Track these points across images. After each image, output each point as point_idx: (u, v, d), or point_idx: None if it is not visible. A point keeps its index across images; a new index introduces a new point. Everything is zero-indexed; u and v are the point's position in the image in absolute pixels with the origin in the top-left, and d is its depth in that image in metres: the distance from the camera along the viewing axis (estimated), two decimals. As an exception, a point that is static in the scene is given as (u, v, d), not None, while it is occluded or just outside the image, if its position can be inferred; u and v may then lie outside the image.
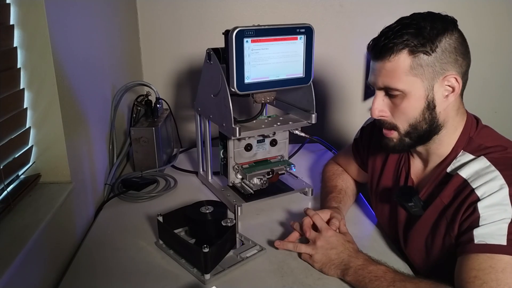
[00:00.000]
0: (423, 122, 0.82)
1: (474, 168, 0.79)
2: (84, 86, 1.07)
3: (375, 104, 0.84)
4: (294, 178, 1.22)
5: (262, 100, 1.07)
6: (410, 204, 0.86)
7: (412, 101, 0.80)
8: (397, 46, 0.78)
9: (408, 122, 0.83)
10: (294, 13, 1.64)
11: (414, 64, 0.78)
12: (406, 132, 0.84)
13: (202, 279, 0.83)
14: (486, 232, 0.72)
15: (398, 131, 0.85)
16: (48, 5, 0.84)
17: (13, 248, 0.74)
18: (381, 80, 0.81)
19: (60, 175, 0.95)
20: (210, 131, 1.18)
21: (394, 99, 0.82)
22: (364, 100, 1.79)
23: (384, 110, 0.84)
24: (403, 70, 0.78)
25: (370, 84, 0.86)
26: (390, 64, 0.79)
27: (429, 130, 0.83)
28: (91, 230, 1.03)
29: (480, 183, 0.76)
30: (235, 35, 0.93)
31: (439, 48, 0.77)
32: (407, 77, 0.79)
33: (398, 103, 0.82)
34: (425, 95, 0.80)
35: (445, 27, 0.79)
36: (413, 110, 0.81)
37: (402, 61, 0.78)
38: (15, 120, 0.85)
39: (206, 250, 0.80)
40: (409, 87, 0.79)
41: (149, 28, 1.63)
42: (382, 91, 0.84)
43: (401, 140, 0.86)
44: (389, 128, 0.86)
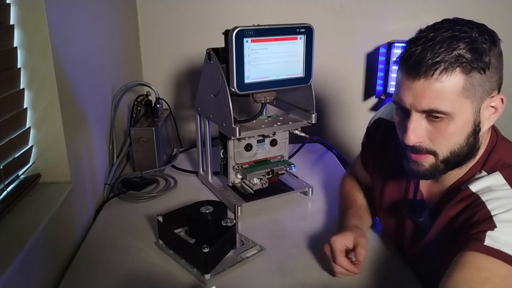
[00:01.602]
0: (465, 148, 0.72)
1: (486, 183, 0.72)
2: (84, 86, 1.07)
3: (412, 129, 0.71)
4: (294, 178, 1.22)
5: (262, 100, 1.07)
6: (420, 219, 0.80)
7: (460, 126, 0.70)
8: (450, 64, 0.66)
9: (450, 148, 0.72)
10: (294, 13, 1.64)
11: (467, 84, 0.67)
12: (445, 158, 0.73)
13: (202, 279, 0.83)
14: (503, 239, 0.64)
15: (436, 156, 0.73)
16: (48, 5, 0.84)
17: (13, 248, 0.74)
18: (426, 103, 0.69)
19: (60, 175, 0.95)
20: (210, 131, 1.18)
21: (436, 123, 0.70)
22: (364, 100, 1.79)
23: (421, 135, 0.72)
24: (455, 91, 0.67)
25: (400, 103, 0.73)
26: (441, 85, 0.67)
27: (467, 155, 0.74)
28: (91, 230, 1.03)
29: (491, 197, 0.69)
30: (235, 35, 0.93)
31: (491, 64, 0.67)
32: (458, 99, 0.67)
33: (442, 128, 0.70)
34: (473, 118, 0.70)
35: (492, 39, 0.69)
36: (459, 136, 0.71)
37: (455, 81, 0.67)
38: (15, 120, 0.85)
39: (206, 250, 0.80)
40: (459, 110, 0.68)
41: (149, 28, 1.63)
42: (421, 114, 0.71)
43: (436, 166, 0.74)
44: (424, 153, 0.74)
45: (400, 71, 0.72)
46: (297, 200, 1.16)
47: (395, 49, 1.58)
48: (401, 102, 0.72)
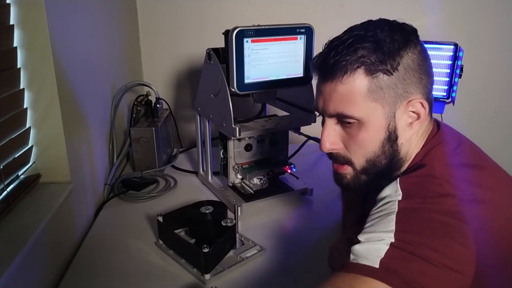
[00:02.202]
0: (382, 157, 0.68)
1: (386, 192, 0.66)
2: (84, 86, 1.07)
3: (325, 135, 0.69)
4: (294, 178, 1.22)
5: (262, 100, 1.07)
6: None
7: (371, 132, 0.66)
8: (351, 64, 0.63)
9: (365, 156, 0.68)
10: (294, 13, 1.64)
11: (373, 86, 0.63)
12: (363, 168, 0.70)
13: (202, 279, 0.83)
14: (360, 250, 0.59)
15: (353, 166, 0.70)
16: (48, 5, 0.84)
17: (13, 248, 0.74)
18: (333, 106, 0.66)
19: (60, 175, 0.95)
20: (210, 131, 1.18)
21: (348, 129, 0.68)
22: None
23: (336, 142, 0.69)
24: (359, 94, 0.64)
25: (317, 110, 0.71)
26: (343, 87, 0.64)
27: (389, 165, 0.69)
28: (91, 230, 1.03)
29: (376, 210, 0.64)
30: (235, 35, 0.93)
31: (401, 65, 0.63)
32: (365, 102, 0.64)
33: (354, 134, 0.67)
34: (386, 124, 0.66)
35: (406, 39, 0.65)
36: (372, 143, 0.67)
37: (358, 83, 0.63)
38: (15, 120, 0.85)
39: (206, 250, 0.80)
40: (368, 114, 0.65)
41: (149, 28, 1.63)
42: (333, 119, 0.68)
43: (356, 177, 0.71)
44: (342, 163, 0.71)
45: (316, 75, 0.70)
46: (297, 200, 1.16)
47: (395, 49, 1.58)
48: (316, 107, 0.71)
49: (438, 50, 1.53)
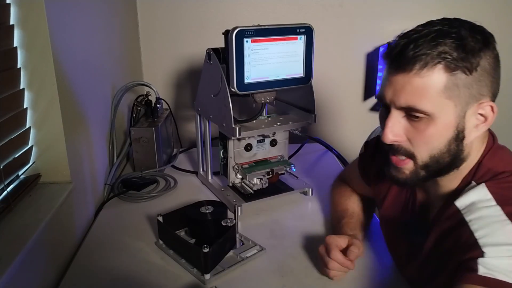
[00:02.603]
0: (447, 155, 0.67)
1: (471, 198, 0.66)
2: (84, 86, 1.07)
3: (390, 126, 0.68)
4: (294, 178, 1.22)
5: (262, 100, 1.07)
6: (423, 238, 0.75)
7: (440, 129, 0.65)
8: (432, 58, 0.62)
9: (430, 152, 0.67)
10: (294, 13, 1.64)
11: (450, 83, 0.62)
12: (425, 164, 0.69)
13: (202, 279, 0.83)
14: (495, 265, 0.58)
15: (415, 161, 0.69)
16: (48, 5, 0.84)
17: (13, 248, 0.74)
18: (405, 98, 0.65)
19: (60, 175, 0.95)
20: (210, 131, 1.18)
21: (416, 123, 0.66)
22: (364, 100, 1.79)
23: (399, 134, 0.68)
24: (435, 89, 0.63)
25: (382, 99, 0.69)
26: (420, 80, 0.63)
27: (450, 164, 0.69)
28: (91, 230, 1.03)
29: (474, 217, 0.64)
30: (235, 35, 0.93)
31: (479, 66, 0.63)
32: (439, 98, 0.63)
33: (421, 129, 0.66)
34: (456, 123, 0.65)
35: (486, 41, 0.64)
36: (439, 139, 0.66)
37: (436, 78, 0.62)
38: (15, 120, 0.85)
39: (206, 250, 0.80)
40: (439, 111, 0.64)
41: (149, 28, 1.63)
42: (400, 111, 0.67)
43: (416, 173, 0.70)
44: (403, 155, 0.70)
45: (385, 65, 0.69)
46: (297, 200, 1.16)
47: (395, 49, 1.58)
48: (382, 97, 0.69)
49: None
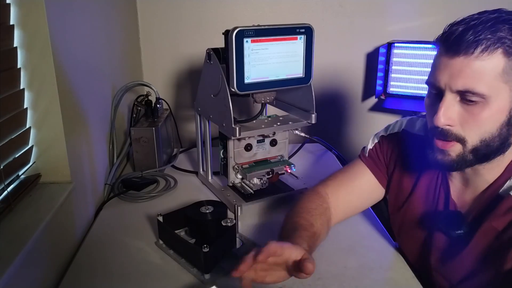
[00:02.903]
0: (497, 139, 0.68)
1: None
2: (84, 86, 1.07)
3: (443, 110, 0.68)
4: (294, 178, 1.22)
5: (262, 100, 1.07)
6: (459, 232, 0.75)
7: (494, 112, 0.66)
8: (493, 43, 0.63)
9: (481, 136, 0.68)
10: (294, 13, 1.64)
11: (507, 67, 0.64)
12: (474, 147, 0.69)
13: (202, 279, 0.83)
14: None
15: (465, 144, 0.69)
16: (48, 5, 0.84)
17: (13, 248, 0.74)
18: (462, 82, 0.66)
19: (60, 175, 0.95)
20: (210, 131, 1.18)
21: (470, 106, 0.67)
22: (364, 100, 1.79)
23: (452, 118, 0.68)
24: (493, 73, 0.64)
25: (435, 84, 0.70)
26: (480, 63, 0.64)
27: (498, 148, 0.69)
28: (91, 230, 1.03)
29: None
30: (235, 35, 0.93)
31: None
32: (496, 82, 0.64)
33: (476, 112, 0.67)
34: (509, 107, 0.66)
35: None
36: (491, 123, 0.67)
37: (495, 62, 0.64)
38: (15, 120, 0.85)
39: (206, 250, 0.80)
40: (496, 94, 0.65)
41: (149, 28, 1.63)
42: (455, 95, 0.68)
43: (464, 156, 0.70)
44: (453, 140, 0.70)
45: (439, 51, 0.70)
46: (297, 200, 1.16)
47: (395, 49, 1.58)
48: (435, 82, 0.70)
49: (438, 50, 1.53)
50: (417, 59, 1.56)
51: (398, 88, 1.63)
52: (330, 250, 0.93)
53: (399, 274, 0.87)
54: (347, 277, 0.85)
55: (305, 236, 0.80)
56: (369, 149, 0.96)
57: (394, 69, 1.61)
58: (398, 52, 1.58)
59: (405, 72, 1.60)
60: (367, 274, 0.86)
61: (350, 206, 0.96)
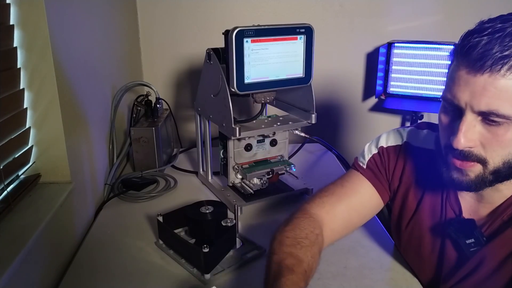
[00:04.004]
0: None
1: None
2: (84, 86, 1.07)
3: (463, 131, 0.62)
4: (294, 178, 1.22)
5: (262, 100, 1.07)
6: (469, 241, 0.70)
7: None
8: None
9: (504, 158, 0.63)
10: (294, 13, 1.64)
11: None
12: (496, 169, 0.64)
13: (202, 279, 0.83)
14: None
15: (486, 166, 0.64)
16: (48, 5, 0.84)
17: (13, 248, 0.74)
18: (486, 102, 0.59)
19: (60, 175, 0.95)
20: (210, 131, 1.18)
21: (493, 127, 0.61)
22: (364, 100, 1.79)
23: (473, 139, 0.63)
24: None
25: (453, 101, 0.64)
26: (506, 83, 0.58)
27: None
28: (91, 230, 1.03)
29: None
30: (235, 35, 0.93)
31: None
32: None
33: (500, 134, 0.61)
34: None
35: None
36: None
37: None
38: (15, 120, 0.85)
39: (206, 250, 0.80)
40: None
41: (149, 28, 1.63)
42: (477, 115, 0.62)
43: (483, 177, 0.65)
44: (473, 161, 0.65)
45: (458, 64, 0.62)
46: (297, 200, 1.16)
47: (395, 49, 1.58)
48: (454, 99, 0.63)
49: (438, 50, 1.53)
50: (417, 59, 1.56)
51: (398, 88, 1.63)
52: (330, 250, 0.93)
53: (399, 274, 0.87)
54: (347, 277, 0.85)
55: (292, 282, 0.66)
56: (368, 160, 0.88)
57: (394, 69, 1.61)
58: (398, 52, 1.58)
59: (405, 72, 1.60)
60: (367, 274, 0.86)
61: (348, 226, 0.88)
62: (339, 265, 0.89)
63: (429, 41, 1.53)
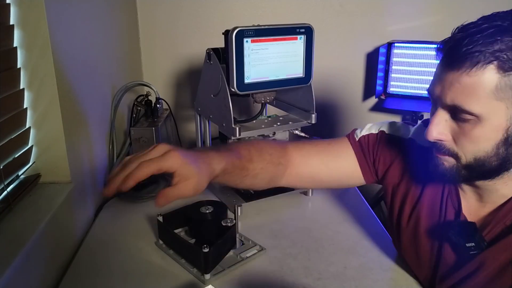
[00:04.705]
0: (494, 158, 0.63)
1: None
2: (84, 86, 1.07)
3: (434, 124, 0.65)
4: (294, 178, 1.22)
5: (262, 100, 1.07)
6: (469, 244, 0.70)
7: (487, 131, 0.61)
8: (485, 56, 0.58)
9: (475, 154, 0.64)
10: (294, 13, 1.64)
11: (502, 84, 0.58)
12: (468, 164, 0.65)
13: (202, 279, 0.83)
14: None
15: (458, 160, 0.66)
16: (48, 5, 0.84)
17: (13, 248, 0.74)
18: (451, 97, 0.62)
19: (60, 175, 0.95)
20: (210, 131, 1.18)
21: (462, 123, 0.63)
22: (364, 100, 1.79)
23: (444, 133, 0.65)
24: (485, 90, 0.59)
25: (431, 95, 0.67)
26: (469, 79, 0.59)
27: (498, 167, 0.65)
28: (91, 230, 1.03)
29: None
30: (235, 35, 0.93)
31: None
32: (489, 99, 0.59)
33: (467, 129, 0.63)
34: (506, 125, 0.61)
35: None
36: (486, 142, 0.62)
37: (486, 78, 0.59)
38: (15, 120, 0.85)
39: (206, 250, 0.80)
40: (488, 113, 0.60)
41: (149, 28, 1.63)
42: (446, 111, 0.65)
43: (457, 170, 0.67)
44: (446, 154, 0.67)
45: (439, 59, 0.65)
46: (297, 200, 1.16)
47: (395, 49, 1.59)
48: (431, 92, 0.67)
49: (438, 50, 1.53)
50: (417, 59, 1.56)
51: (398, 88, 1.63)
52: (330, 250, 0.93)
53: (399, 274, 0.87)
54: (347, 277, 0.85)
55: (227, 158, 0.73)
56: (362, 135, 0.89)
57: (394, 69, 1.61)
58: (398, 52, 1.58)
59: (405, 72, 1.60)
60: (367, 274, 0.86)
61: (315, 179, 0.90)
62: (339, 265, 0.89)
63: (429, 41, 1.53)
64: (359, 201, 1.17)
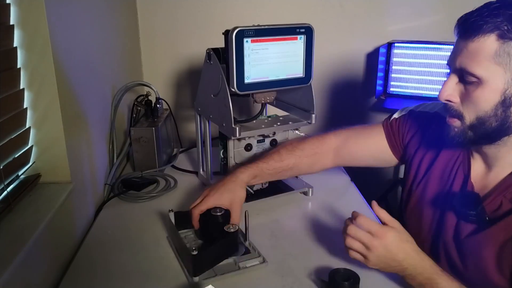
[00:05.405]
0: (493, 119, 0.73)
1: None
2: (84, 86, 1.07)
3: (445, 86, 0.76)
4: (294, 178, 1.22)
5: (262, 100, 1.07)
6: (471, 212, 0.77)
7: (487, 92, 0.71)
8: (487, 26, 0.69)
9: (476, 114, 0.74)
10: (294, 13, 1.64)
11: (501, 51, 0.69)
12: (471, 124, 0.75)
13: (190, 281, 0.82)
14: None
15: (463, 121, 0.76)
16: (48, 5, 0.84)
17: (13, 248, 0.74)
18: (459, 61, 0.73)
19: (60, 175, 0.95)
20: (210, 131, 1.18)
21: (467, 86, 0.73)
22: (363, 100, 1.79)
23: (453, 94, 0.76)
24: (486, 54, 0.70)
25: (448, 64, 0.78)
26: (474, 45, 0.70)
27: (498, 129, 0.73)
28: (91, 230, 1.03)
29: None
30: (235, 35, 0.93)
31: None
32: (489, 63, 0.70)
33: (471, 91, 0.73)
34: (504, 88, 0.70)
35: None
36: (485, 102, 0.72)
37: (488, 44, 0.69)
38: (15, 120, 0.85)
39: (194, 253, 0.79)
40: (488, 75, 0.70)
41: (149, 28, 1.63)
42: (456, 75, 0.75)
43: (464, 132, 0.76)
44: (454, 116, 0.77)
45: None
46: (297, 200, 1.16)
47: (395, 49, 1.59)
48: (448, 63, 0.77)
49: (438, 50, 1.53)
50: (417, 59, 1.56)
51: (398, 88, 1.63)
52: (331, 250, 0.93)
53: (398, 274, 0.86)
54: (347, 277, 0.85)
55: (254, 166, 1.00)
56: (394, 117, 1.02)
57: (394, 69, 1.61)
58: (398, 52, 1.58)
59: (405, 72, 1.60)
60: (367, 274, 0.86)
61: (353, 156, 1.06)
62: (339, 265, 0.89)
63: (429, 41, 1.53)
64: (359, 201, 1.17)
